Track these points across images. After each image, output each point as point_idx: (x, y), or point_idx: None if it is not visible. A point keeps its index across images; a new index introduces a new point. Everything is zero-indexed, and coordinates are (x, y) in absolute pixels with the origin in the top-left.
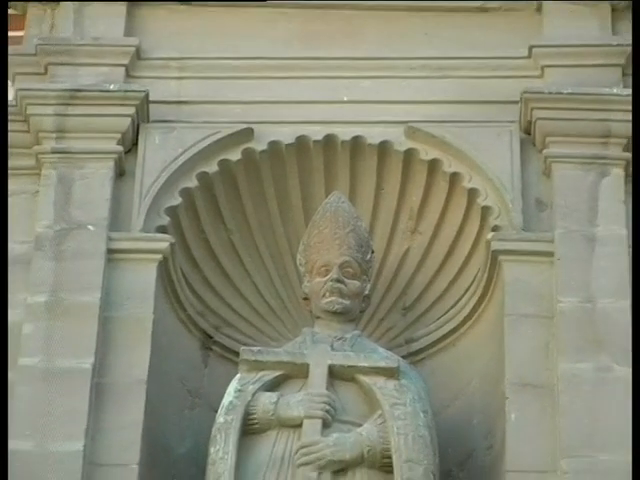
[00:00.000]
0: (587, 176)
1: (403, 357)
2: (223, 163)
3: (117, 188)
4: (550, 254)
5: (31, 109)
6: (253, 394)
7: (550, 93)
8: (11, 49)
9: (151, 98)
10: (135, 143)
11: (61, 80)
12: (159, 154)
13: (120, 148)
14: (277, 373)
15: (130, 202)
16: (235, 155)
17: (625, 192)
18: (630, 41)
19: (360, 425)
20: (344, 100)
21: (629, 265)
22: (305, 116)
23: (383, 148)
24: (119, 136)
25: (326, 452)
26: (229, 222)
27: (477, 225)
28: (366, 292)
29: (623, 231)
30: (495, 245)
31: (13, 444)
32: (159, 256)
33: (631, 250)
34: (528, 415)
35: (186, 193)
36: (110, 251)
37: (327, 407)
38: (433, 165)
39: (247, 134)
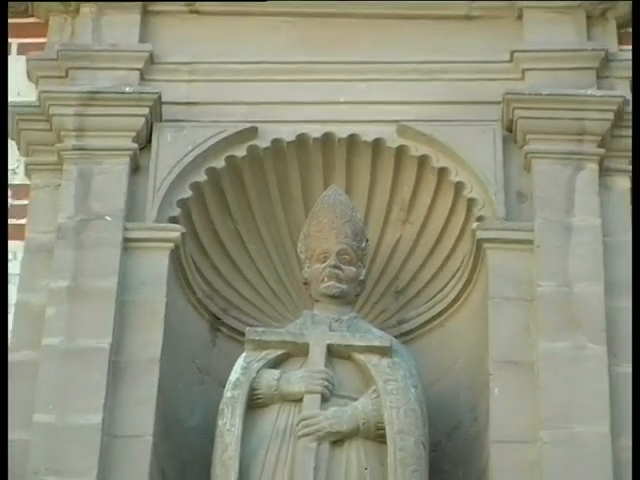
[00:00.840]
0: (564, 170)
1: (395, 337)
2: (229, 159)
3: (132, 182)
4: (530, 242)
5: (53, 109)
6: (257, 371)
7: (530, 94)
8: (34, 54)
9: (163, 99)
10: (149, 141)
11: (81, 83)
12: (171, 151)
13: (135, 145)
14: (279, 352)
15: (144, 195)
16: (241, 152)
17: (599, 185)
18: (603, 46)
19: (356, 399)
20: (341, 101)
21: (602, 252)
22: (305, 116)
23: (377, 145)
24: (134, 134)
25: (325, 424)
26: (235, 213)
27: (463, 216)
28: (361, 277)
29: (597, 221)
30: (480, 234)
31: (37, 417)
32: (171, 244)
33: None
34: (510, 390)
35: (196, 187)
36: (126, 240)
37: (326, 383)
38: (422, 160)
39: (251, 132)
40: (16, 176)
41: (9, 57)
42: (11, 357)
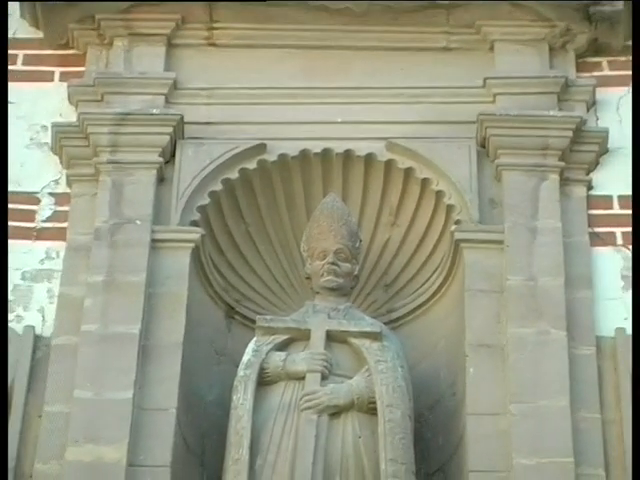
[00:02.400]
0: (529, 181)
1: (385, 324)
2: (242, 171)
3: (158, 191)
4: (500, 242)
5: (90, 129)
6: (266, 353)
7: (500, 115)
8: (74, 81)
9: (185, 120)
10: (173, 155)
11: (114, 106)
12: (192, 164)
13: (161, 159)
14: (285, 336)
15: (169, 202)
16: (252, 165)
17: (560, 193)
18: (564, 73)
19: (351, 378)
20: (338, 121)
21: (563, 251)
22: (307, 134)
23: (368, 159)
24: (160, 150)
25: (324, 399)
26: (247, 217)
27: (443, 220)
28: (355, 272)
29: (558, 224)
30: (457, 235)
31: (76, 393)
32: (192, 244)
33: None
34: (483, 369)
35: (213, 195)
36: (153, 241)
37: (325, 363)
38: (408, 172)
39: (261, 148)
40: (59, 186)
41: (51, 84)
42: (54, 341)
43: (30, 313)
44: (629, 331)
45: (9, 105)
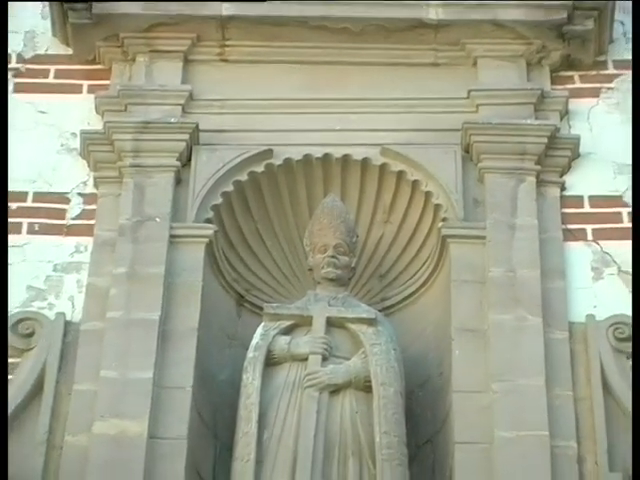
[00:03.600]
0: (509, 182)
1: (379, 311)
2: (251, 174)
3: (176, 192)
4: (483, 237)
5: (115, 136)
6: (273, 337)
7: (483, 123)
8: (101, 93)
9: (200, 128)
10: (189, 160)
11: (136, 115)
12: (206, 167)
13: (178, 163)
14: (290, 322)
15: (185, 201)
16: (260, 168)
17: (536, 193)
18: (539, 86)
19: (349, 359)
20: (336, 129)
21: (539, 245)
22: (309, 140)
23: (364, 163)
24: (177, 155)
25: (324, 378)
26: (255, 215)
27: (431, 217)
28: (353, 265)
29: (535, 221)
30: (444, 231)
31: (103, 373)
32: (206, 240)
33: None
34: (467, 351)
35: (225, 195)
36: (171, 236)
37: (325, 346)
38: (400, 175)
39: (268, 153)
40: (86, 187)
41: (80, 95)
42: (82, 327)
43: (61, 301)
44: (598, 317)
45: (41, 115)
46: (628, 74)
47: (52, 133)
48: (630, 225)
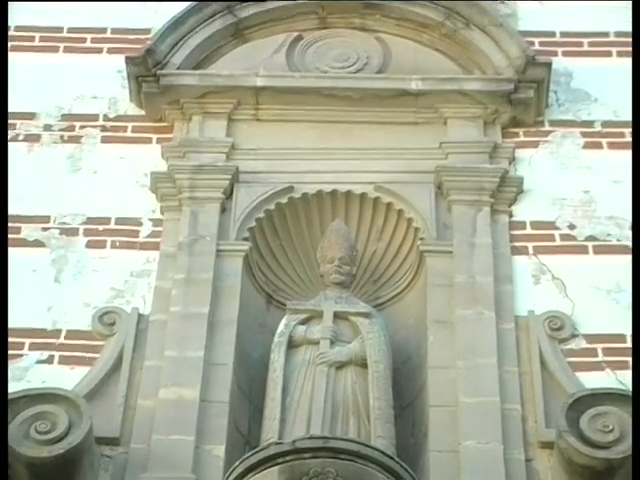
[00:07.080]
0: (470, 211)
1: (373, 307)
2: (277, 204)
3: (222, 217)
4: (451, 252)
5: (176, 175)
6: (294, 326)
7: (451, 167)
8: (166, 144)
9: (240, 170)
10: (231, 194)
11: (192, 160)
12: (244, 200)
13: (223, 196)
14: (306, 315)
15: (228, 225)
16: (284, 200)
17: (490, 220)
18: (493, 139)
19: (350, 343)
20: (342, 171)
21: (492, 258)
22: (321, 179)
23: (362, 197)
24: (222, 190)
25: (332, 357)
26: (281, 235)
27: (412, 237)
28: (353, 272)
29: (489, 240)
30: (422, 247)
31: (167, 352)
32: (244, 253)
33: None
34: (439, 337)
35: (258, 220)
36: (218, 251)
37: (333, 333)
38: (389, 206)
39: (290, 189)
40: (155, 214)
41: (150, 145)
42: (151, 318)
43: (135, 299)
44: (537, 312)
45: (121, 160)
46: (560, 130)
47: (129, 173)
48: (562, 243)
